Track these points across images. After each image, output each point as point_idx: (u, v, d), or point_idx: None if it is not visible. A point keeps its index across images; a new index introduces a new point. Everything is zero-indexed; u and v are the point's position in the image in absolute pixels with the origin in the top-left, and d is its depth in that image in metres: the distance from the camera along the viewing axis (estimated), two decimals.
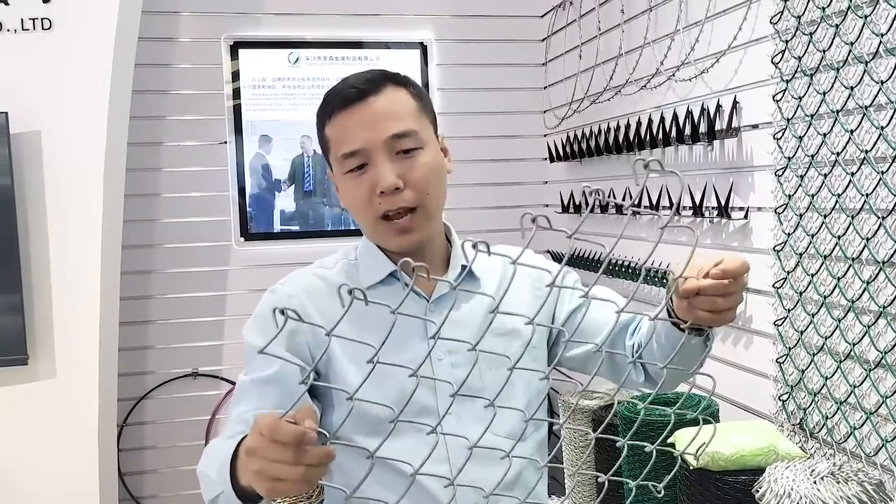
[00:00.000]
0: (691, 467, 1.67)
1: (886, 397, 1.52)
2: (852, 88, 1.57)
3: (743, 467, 1.62)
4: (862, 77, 1.55)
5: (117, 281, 2.79)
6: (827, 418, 1.71)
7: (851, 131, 1.58)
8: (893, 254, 1.48)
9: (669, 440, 1.70)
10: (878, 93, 1.50)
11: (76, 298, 2.58)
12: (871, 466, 1.57)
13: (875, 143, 1.52)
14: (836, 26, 1.59)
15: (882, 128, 1.49)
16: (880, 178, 1.50)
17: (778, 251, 1.83)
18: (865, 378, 1.58)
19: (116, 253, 2.77)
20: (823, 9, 1.62)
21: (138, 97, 2.90)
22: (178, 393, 3.22)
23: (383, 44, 3.36)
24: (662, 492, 0.85)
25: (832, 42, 1.61)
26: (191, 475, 1.23)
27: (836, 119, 1.62)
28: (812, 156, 1.70)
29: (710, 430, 0.96)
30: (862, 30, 1.54)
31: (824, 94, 1.65)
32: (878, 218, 1.51)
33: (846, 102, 1.59)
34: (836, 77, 1.61)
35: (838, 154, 1.62)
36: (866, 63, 1.53)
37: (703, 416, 0.97)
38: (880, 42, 1.48)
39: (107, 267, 2.63)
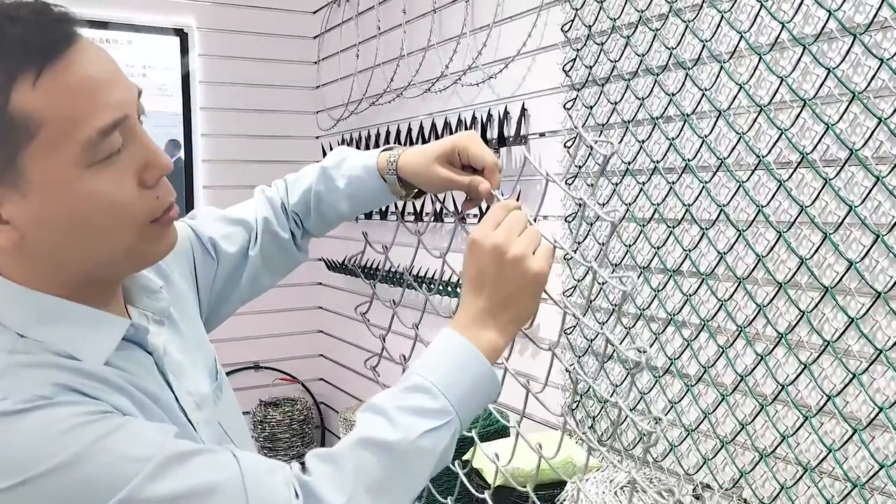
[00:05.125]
0: (491, 486, 1.60)
1: (674, 403, 1.55)
2: (643, 99, 1.59)
3: (542, 482, 1.58)
4: (652, 88, 1.58)
5: None
6: (616, 425, 1.72)
7: (642, 142, 1.60)
8: (682, 262, 1.52)
9: (465, 457, 1.63)
10: (668, 104, 1.54)
11: None
12: (658, 471, 1.61)
13: (665, 153, 1.55)
14: (628, 37, 1.61)
15: (672, 139, 1.53)
16: (671, 188, 1.54)
17: (567, 260, 1.83)
18: (654, 385, 1.61)
19: None
20: (614, 20, 1.64)
21: None
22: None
23: (133, 27, 2.99)
24: None
25: (623, 53, 1.63)
26: None
27: (626, 129, 1.64)
28: (601, 166, 1.71)
29: (508, 444, 0.91)
30: (652, 42, 1.57)
31: (615, 103, 1.67)
32: (668, 227, 1.54)
33: (636, 113, 1.62)
34: (627, 87, 1.63)
35: (629, 164, 1.64)
36: (657, 75, 1.56)
37: (491, 429, 0.90)
38: (671, 55, 1.52)
39: None
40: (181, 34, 3.07)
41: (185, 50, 3.07)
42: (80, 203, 0.68)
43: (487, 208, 0.89)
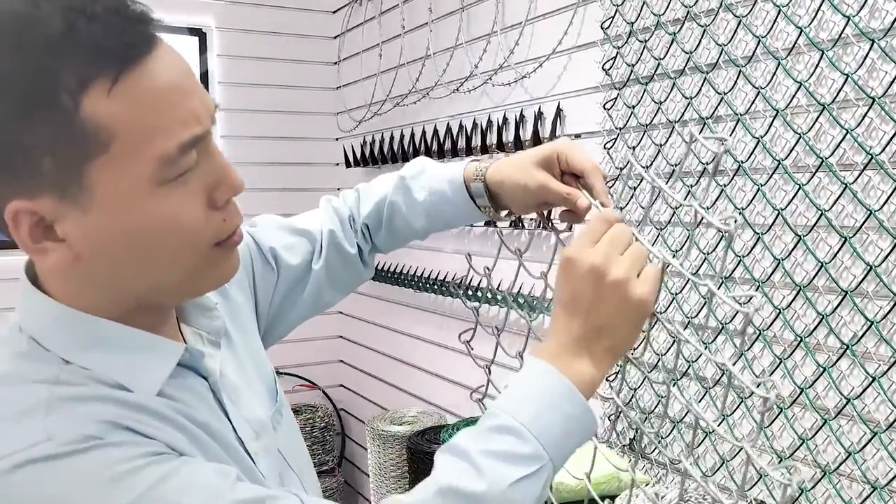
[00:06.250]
0: None
1: (726, 416, 1.49)
2: (691, 99, 1.53)
3: (580, 497, 1.52)
4: (701, 87, 1.51)
5: None
6: (661, 438, 1.66)
7: (690, 142, 1.54)
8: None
9: None
10: (719, 104, 1.47)
11: None
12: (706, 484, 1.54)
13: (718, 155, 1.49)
14: (674, 34, 1.55)
15: (722, 140, 1.46)
16: (722, 191, 1.47)
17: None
18: (704, 395, 1.54)
19: None
20: (659, 16, 1.57)
21: None
22: None
23: None
24: None
25: (668, 50, 1.57)
26: None
27: (672, 129, 1.58)
28: (647, 167, 1.65)
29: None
30: (701, 39, 1.50)
31: (660, 103, 1.60)
32: (723, 233, 1.48)
33: (683, 113, 1.55)
34: (674, 86, 1.56)
35: (675, 166, 1.58)
36: (706, 73, 1.49)
37: None
38: (721, 52, 1.45)
39: None
40: (199, 34, 3.02)
41: (203, 50, 3.02)
42: (145, 224, 0.62)
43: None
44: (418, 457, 2.05)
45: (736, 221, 0.70)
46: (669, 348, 1.60)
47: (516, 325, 2.01)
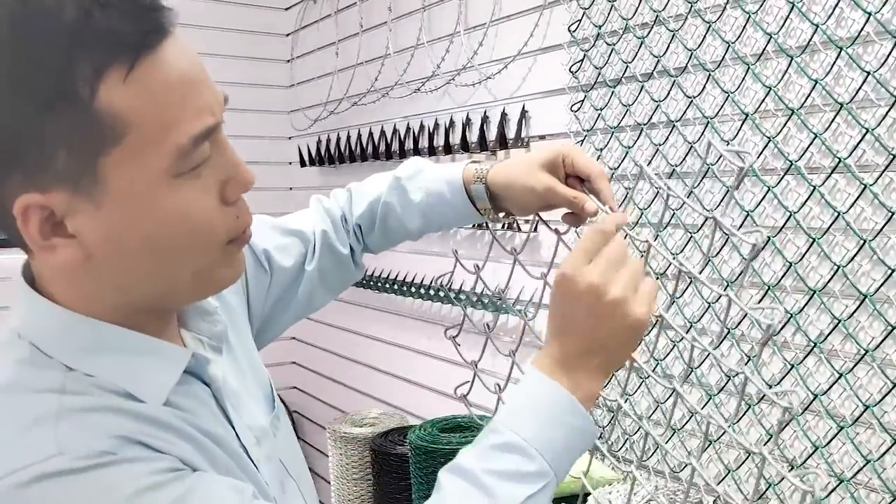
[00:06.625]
0: None
1: (693, 413, 1.52)
2: (659, 102, 1.55)
3: (559, 495, 1.53)
4: (670, 90, 1.54)
5: None
6: (630, 435, 1.68)
7: (658, 145, 1.57)
8: (701, 271, 1.48)
9: None
10: (687, 107, 1.50)
11: None
12: (676, 482, 1.57)
13: (684, 158, 1.52)
14: (643, 38, 1.57)
15: (692, 143, 1.49)
16: (691, 192, 1.50)
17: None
18: (672, 394, 1.57)
19: None
20: (627, 20, 1.60)
21: None
22: None
23: None
24: None
25: (636, 53, 1.59)
26: None
27: (641, 132, 1.60)
28: (613, 170, 1.67)
29: None
30: (670, 43, 1.53)
31: (628, 106, 1.63)
32: (688, 233, 1.51)
33: (652, 116, 1.58)
34: (642, 88, 1.59)
35: (642, 168, 1.60)
36: (675, 77, 1.52)
37: None
38: (691, 56, 1.48)
39: None
40: None
41: None
42: (160, 219, 0.59)
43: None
44: (383, 458, 2.04)
45: (757, 233, 0.70)
46: (668, 353, 1.61)
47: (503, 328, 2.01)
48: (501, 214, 0.92)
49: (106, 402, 0.60)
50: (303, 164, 2.95)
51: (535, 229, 1.96)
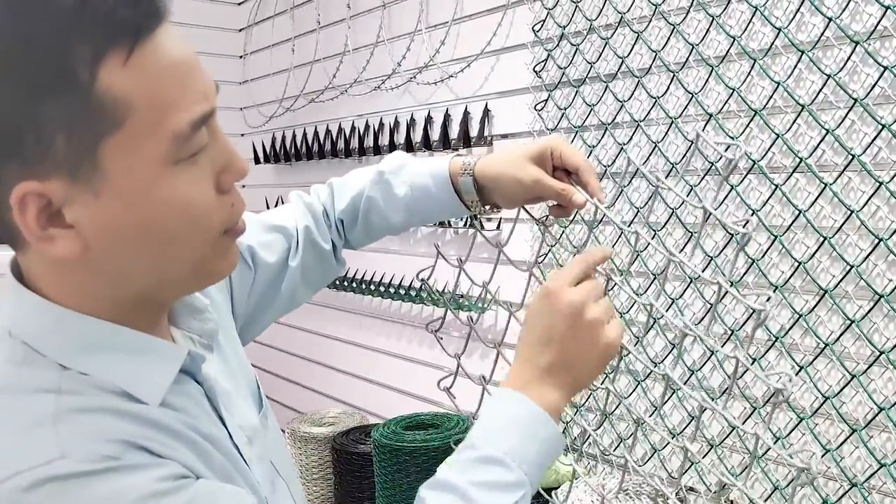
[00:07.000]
0: None
1: (657, 407, 1.55)
2: (624, 102, 1.58)
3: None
4: (634, 90, 1.57)
5: None
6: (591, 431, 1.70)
7: (623, 144, 1.59)
8: (664, 269, 1.51)
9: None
10: (651, 107, 1.53)
11: None
12: (636, 475, 1.60)
13: (648, 157, 1.55)
14: (607, 39, 1.60)
15: (657, 143, 1.52)
16: (655, 191, 1.53)
17: (539, 262, 1.80)
18: (635, 388, 1.60)
19: None
20: (591, 21, 1.62)
21: None
22: None
23: None
24: None
25: (601, 54, 1.62)
26: None
27: (605, 131, 1.63)
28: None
29: None
30: (634, 44, 1.56)
31: (592, 105, 1.65)
32: (653, 231, 1.54)
33: (616, 115, 1.60)
34: (606, 88, 1.62)
35: (606, 167, 1.63)
36: (640, 77, 1.55)
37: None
38: (655, 57, 1.51)
39: None
40: None
41: None
42: (159, 207, 0.58)
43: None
44: (344, 457, 2.02)
45: (748, 223, 0.72)
46: (667, 355, 1.63)
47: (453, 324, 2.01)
48: (487, 207, 0.93)
49: (105, 403, 0.58)
50: (257, 161, 2.91)
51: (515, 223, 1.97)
